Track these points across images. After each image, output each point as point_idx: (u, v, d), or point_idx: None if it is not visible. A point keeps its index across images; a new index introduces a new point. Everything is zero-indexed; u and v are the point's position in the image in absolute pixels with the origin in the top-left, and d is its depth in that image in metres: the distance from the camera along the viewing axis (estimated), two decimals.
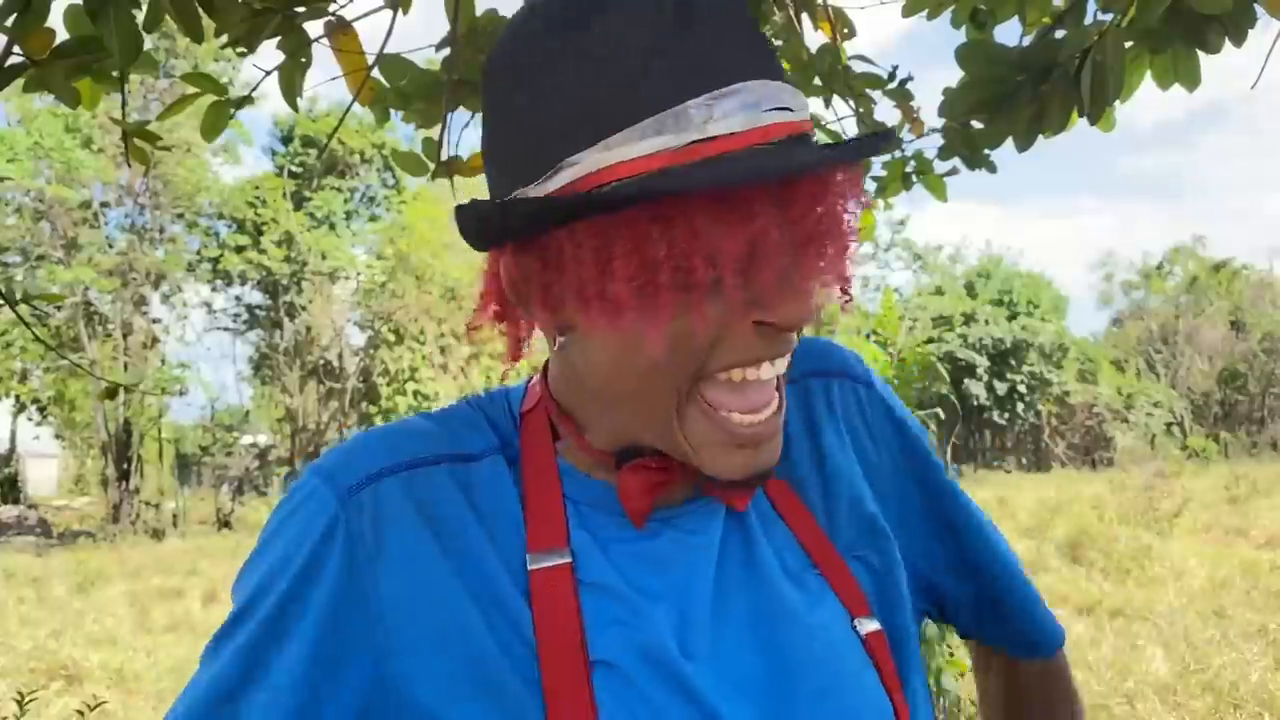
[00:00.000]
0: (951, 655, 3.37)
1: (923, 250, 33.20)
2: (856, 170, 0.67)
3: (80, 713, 2.71)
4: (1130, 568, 8.82)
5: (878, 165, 2.41)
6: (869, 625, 0.78)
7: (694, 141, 0.61)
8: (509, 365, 0.76)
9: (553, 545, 0.72)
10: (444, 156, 1.99)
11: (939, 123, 2.32)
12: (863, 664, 0.75)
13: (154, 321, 22.57)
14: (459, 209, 0.66)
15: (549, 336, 0.75)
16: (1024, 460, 29.28)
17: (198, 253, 22.18)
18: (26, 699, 2.57)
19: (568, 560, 0.71)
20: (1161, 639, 6.55)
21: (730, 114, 0.61)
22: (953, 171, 2.38)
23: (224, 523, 20.31)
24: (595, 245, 0.63)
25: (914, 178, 2.22)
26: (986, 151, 2.25)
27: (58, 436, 31.47)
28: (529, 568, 0.71)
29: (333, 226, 22.37)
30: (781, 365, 0.68)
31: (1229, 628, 6.78)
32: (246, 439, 23.62)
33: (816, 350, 0.87)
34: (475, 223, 0.67)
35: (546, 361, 0.81)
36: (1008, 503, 14.54)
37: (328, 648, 0.68)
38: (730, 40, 0.63)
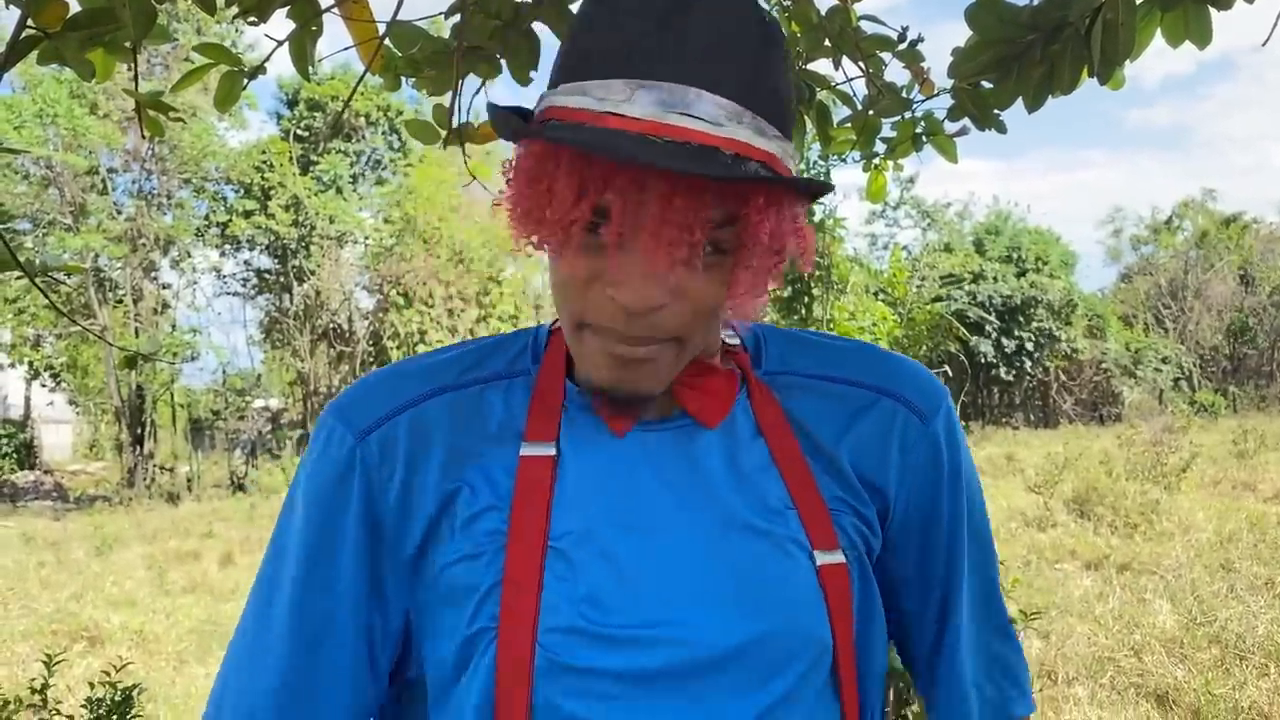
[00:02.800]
0: None
1: (931, 208, 33.02)
2: (727, 194, 0.74)
3: (106, 673, 2.77)
4: (1138, 522, 8.85)
5: (888, 126, 2.41)
6: (829, 558, 0.86)
7: (607, 112, 0.73)
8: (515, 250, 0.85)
9: (541, 439, 0.86)
10: (454, 124, 2.00)
11: (948, 83, 2.32)
12: (810, 589, 0.85)
13: (164, 287, 22.63)
14: (497, 108, 0.82)
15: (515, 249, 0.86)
16: (1032, 417, 29.28)
17: (206, 218, 22.17)
18: (55, 660, 2.62)
19: (552, 452, 0.86)
20: (1168, 592, 6.60)
21: (644, 103, 0.73)
22: (962, 131, 2.38)
23: (238, 486, 20.48)
24: (521, 166, 0.79)
25: (924, 139, 2.22)
26: (996, 111, 2.25)
27: (71, 403, 31.68)
28: (519, 454, 0.86)
29: (339, 190, 22.31)
30: (647, 353, 0.79)
31: (1236, 581, 6.83)
32: (258, 403, 23.73)
33: (914, 379, 0.96)
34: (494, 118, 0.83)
35: None
36: (1015, 459, 14.58)
37: (365, 557, 0.87)
38: (690, 50, 0.74)
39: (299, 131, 22.84)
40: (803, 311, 3.11)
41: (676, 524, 0.84)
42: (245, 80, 1.73)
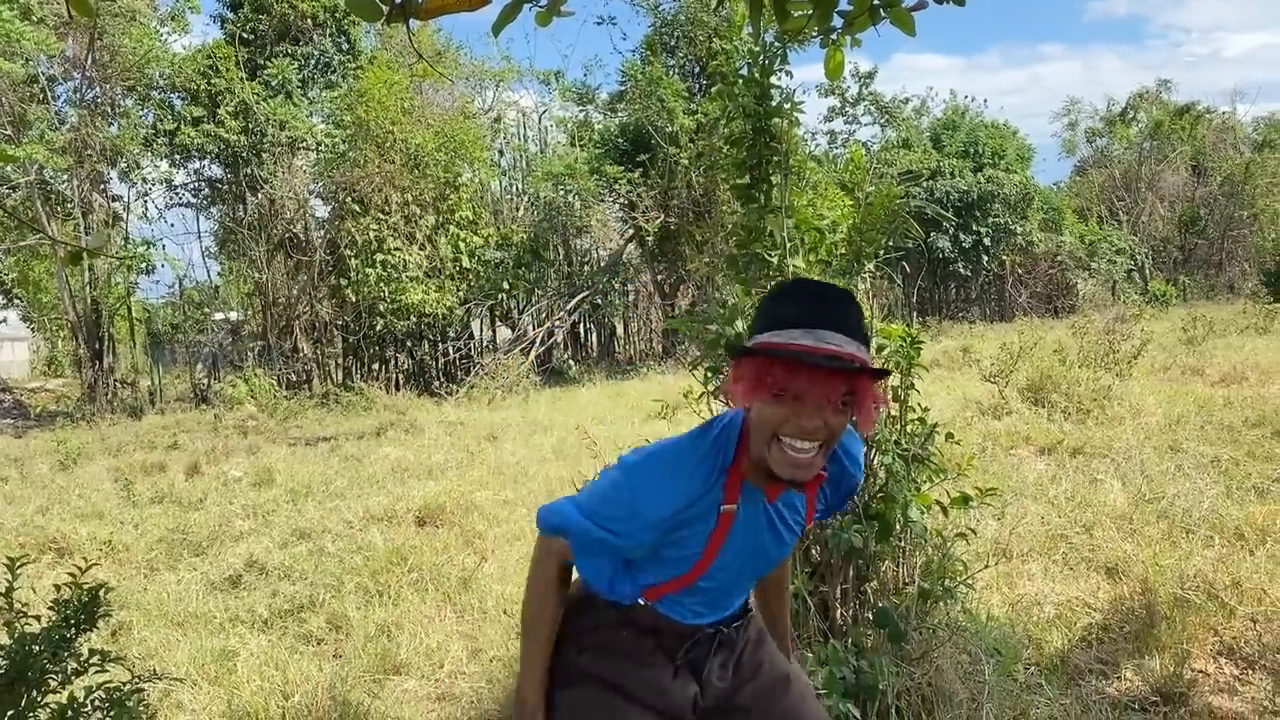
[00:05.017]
0: (918, 489, 3.50)
1: (889, 104, 32.75)
2: (854, 374, 1.69)
3: (72, 574, 2.78)
4: (1090, 408, 9.05)
5: (845, 1, 2.37)
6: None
7: (797, 342, 1.67)
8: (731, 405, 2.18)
9: (730, 503, 1.85)
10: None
11: None
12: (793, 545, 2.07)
13: (114, 199, 22.10)
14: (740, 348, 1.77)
15: (744, 401, 1.78)
16: (988, 311, 29.60)
17: (153, 126, 21.53)
18: (18, 563, 2.63)
19: (733, 508, 1.86)
20: (1119, 473, 6.79)
21: (821, 339, 1.67)
22: (920, 5, 2.35)
23: (201, 398, 20.38)
24: (748, 367, 1.72)
25: (881, 11, 2.20)
26: None
27: (24, 319, 31.15)
28: (720, 508, 1.85)
29: (289, 95, 21.71)
30: (810, 447, 1.71)
31: (1184, 460, 7.04)
32: (218, 315, 23.43)
33: (854, 451, 2.06)
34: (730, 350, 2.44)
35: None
36: (972, 350, 14.79)
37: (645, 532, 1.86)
38: (831, 313, 1.70)
39: (244, 35, 22.13)
40: (761, 199, 3.10)
41: (761, 540, 1.95)
42: None
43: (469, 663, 4.41)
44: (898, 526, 3.37)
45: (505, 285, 21.94)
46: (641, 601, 2.00)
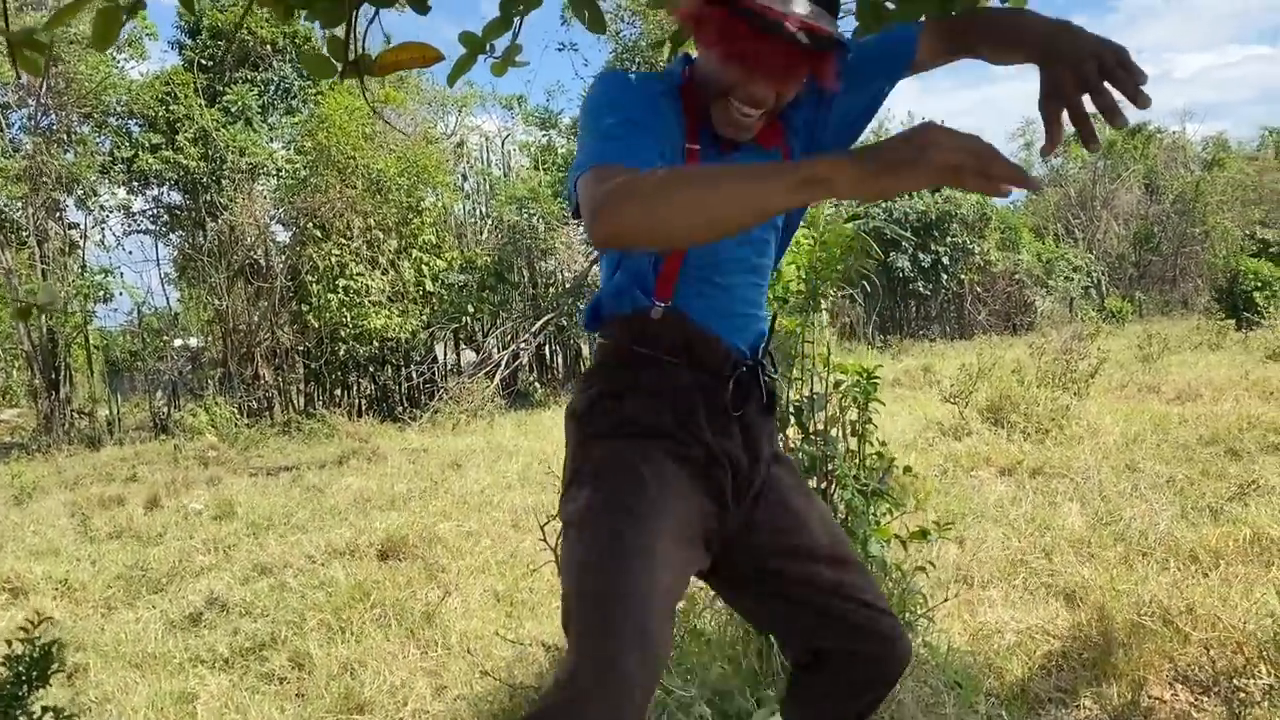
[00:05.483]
0: (878, 523, 3.53)
1: None
2: (821, 52, 1.58)
3: (24, 629, 2.73)
4: (1049, 428, 9.17)
5: None
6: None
7: (775, 7, 1.53)
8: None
9: (693, 142, 1.73)
10: (351, 56, 1.96)
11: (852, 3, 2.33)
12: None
13: (71, 227, 21.83)
14: None
15: (699, 46, 1.68)
16: (948, 329, 29.88)
17: (110, 154, 21.32)
18: None
19: (696, 147, 1.73)
20: (1078, 494, 6.88)
21: (791, 6, 1.53)
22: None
23: (161, 427, 20.11)
24: (719, 10, 1.57)
25: None
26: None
27: None
28: (685, 146, 1.73)
29: (249, 121, 21.59)
30: (756, 112, 1.67)
31: (1140, 480, 7.14)
32: (177, 342, 23.15)
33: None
34: None
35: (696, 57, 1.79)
36: (932, 370, 14.94)
37: (642, 107, 1.69)
38: None
39: (203, 61, 22.00)
40: None
41: None
42: (124, 16, 1.68)
43: (433, 700, 4.38)
44: None
45: (469, 308, 21.88)
46: (661, 305, 1.79)
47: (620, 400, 1.79)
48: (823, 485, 3.43)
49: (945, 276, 28.34)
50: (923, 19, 1.93)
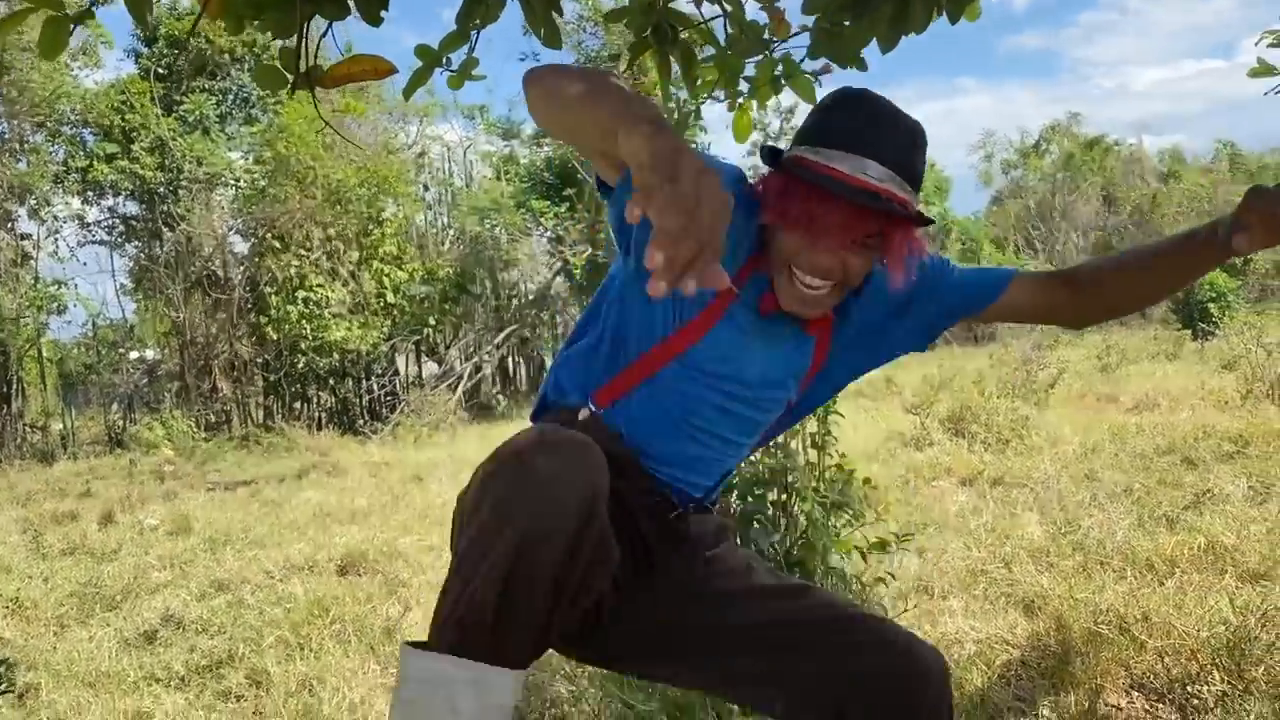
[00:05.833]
0: (838, 535, 3.54)
1: None
2: (885, 218, 1.52)
3: None
4: (1009, 438, 9.25)
5: (750, 67, 2.42)
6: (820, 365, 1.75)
7: (831, 165, 1.48)
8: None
9: (741, 278, 1.59)
10: (303, 67, 1.94)
11: (810, 20, 2.34)
12: (800, 376, 1.74)
13: (23, 238, 21.47)
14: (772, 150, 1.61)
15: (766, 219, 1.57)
16: None
17: (64, 163, 21.01)
18: None
19: (736, 291, 1.57)
20: (1038, 504, 6.93)
21: (859, 168, 1.47)
22: (825, 70, 2.41)
23: (116, 441, 19.79)
24: (773, 181, 1.54)
25: (782, 80, 2.25)
26: (859, 52, 2.28)
27: None
28: (736, 273, 1.57)
29: (206, 131, 21.37)
30: (822, 285, 1.53)
31: (1098, 489, 7.21)
32: (133, 355, 22.83)
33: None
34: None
35: None
36: (894, 381, 15.03)
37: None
38: (885, 141, 1.51)
39: (160, 70, 21.76)
40: None
41: (764, 345, 1.65)
42: (73, 25, 1.65)
43: None
44: (818, 573, 3.40)
45: (431, 320, 21.79)
46: (592, 408, 1.62)
47: None
48: (783, 497, 3.44)
49: None
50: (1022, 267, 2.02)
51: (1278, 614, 3.83)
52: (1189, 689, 3.62)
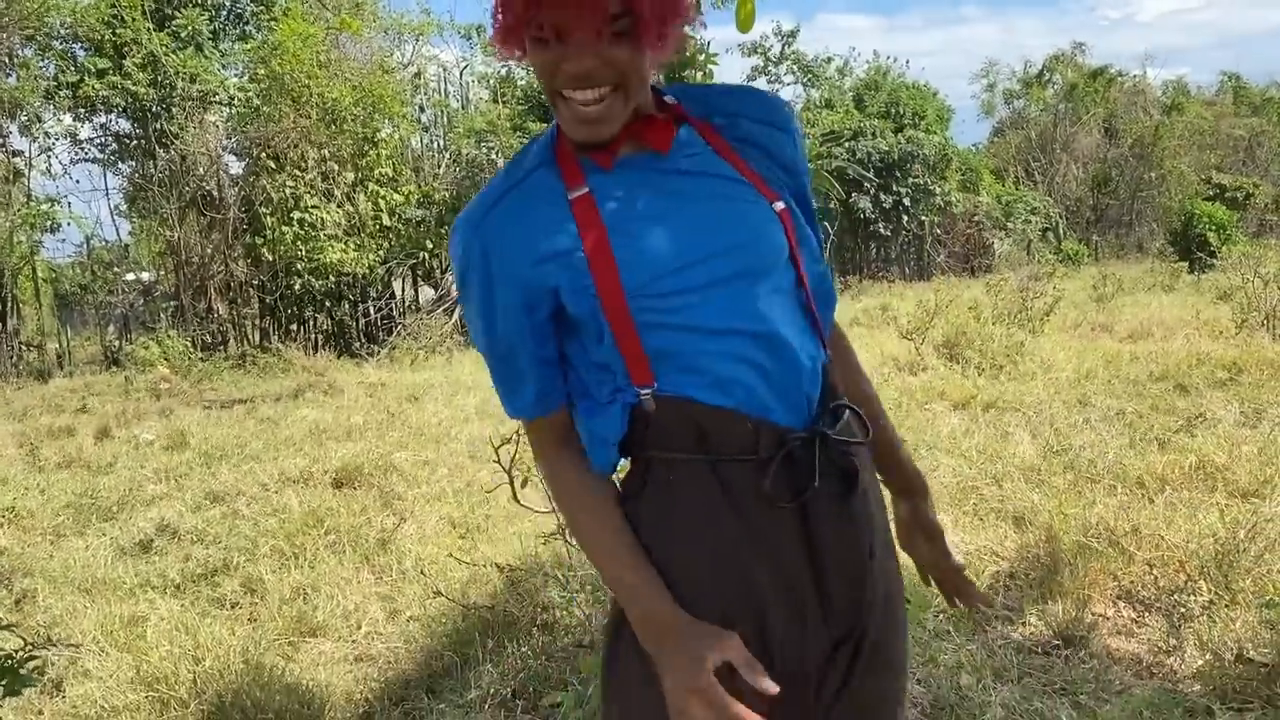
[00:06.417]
0: None
1: (812, 64, 32.88)
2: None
3: None
4: (1003, 364, 9.26)
5: None
6: (779, 204, 1.35)
7: None
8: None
9: (577, 185, 1.28)
10: None
11: None
12: (772, 218, 1.33)
13: (14, 154, 21.21)
14: None
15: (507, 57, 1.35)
16: (907, 270, 30.04)
17: (55, 78, 20.66)
18: None
19: (586, 190, 1.28)
20: (1029, 427, 6.97)
21: None
22: None
23: (112, 360, 19.79)
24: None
25: None
26: None
27: None
28: (568, 198, 1.28)
29: (199, 47, 20.99)
30: (593, 95, 1.22)
31: (1091, 413, 7.25)
32: (129, 275, 22.70)
33: (766, 103, 1.43)
34: None
35: None
36: (890, 308, 15.01)
37: (499, 294, 1.29)
38: None
39: None
40: None
41: (682, 208, 1.29)
42: None
43: (386, 623, 4.38)
44: None
45: (428, 244, 21.63)
46: (643, 393, 1.29)
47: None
48: None
49: (906, 218, 28.42)
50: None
51: (1268, 526, 3.86)
52: (1176, 598, 3.67)
